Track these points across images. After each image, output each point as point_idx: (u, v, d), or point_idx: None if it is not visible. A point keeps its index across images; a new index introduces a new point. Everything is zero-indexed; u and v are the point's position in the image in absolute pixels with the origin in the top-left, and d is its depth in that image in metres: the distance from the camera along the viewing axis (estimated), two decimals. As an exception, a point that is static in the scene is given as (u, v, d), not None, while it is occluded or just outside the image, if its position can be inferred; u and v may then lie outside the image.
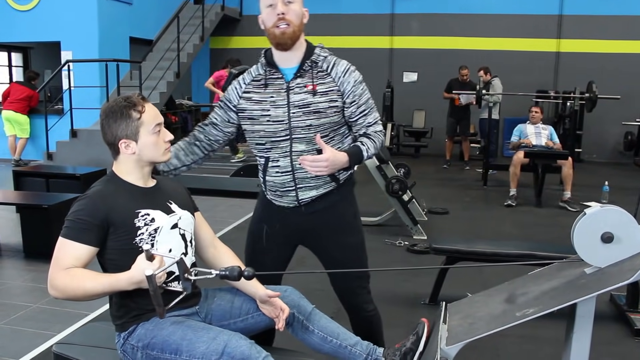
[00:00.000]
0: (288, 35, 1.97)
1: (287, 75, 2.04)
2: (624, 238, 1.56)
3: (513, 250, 3.35)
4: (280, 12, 1.94)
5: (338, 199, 2.13)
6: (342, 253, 2.17)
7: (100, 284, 1.64)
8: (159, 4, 10.51)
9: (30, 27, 9.20)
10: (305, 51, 2.05)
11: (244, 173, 6.88)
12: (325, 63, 2.06)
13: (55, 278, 1.67)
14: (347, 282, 2.22)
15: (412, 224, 5.12)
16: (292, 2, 1.96)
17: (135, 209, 1.77)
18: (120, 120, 1.78)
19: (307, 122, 2.00)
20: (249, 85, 2.10)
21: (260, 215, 2.24)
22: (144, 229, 1.76)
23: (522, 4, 10.66)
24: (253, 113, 2.06)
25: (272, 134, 2.04)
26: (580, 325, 1.56)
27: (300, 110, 2.00)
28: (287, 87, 2.02)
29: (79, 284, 1.64)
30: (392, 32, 11.32)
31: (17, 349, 2.89)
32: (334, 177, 2.08)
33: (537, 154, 6.65)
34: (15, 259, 4.41)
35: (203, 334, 1.68)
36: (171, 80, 9.61)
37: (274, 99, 2.03)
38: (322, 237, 2.17)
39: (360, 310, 2.25)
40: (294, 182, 2.06)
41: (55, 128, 8.55)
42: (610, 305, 3.50)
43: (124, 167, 1.84)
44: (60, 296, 1.67)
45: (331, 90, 2.02)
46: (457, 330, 1.63)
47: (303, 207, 2.11)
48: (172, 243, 1.82)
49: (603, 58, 10.38)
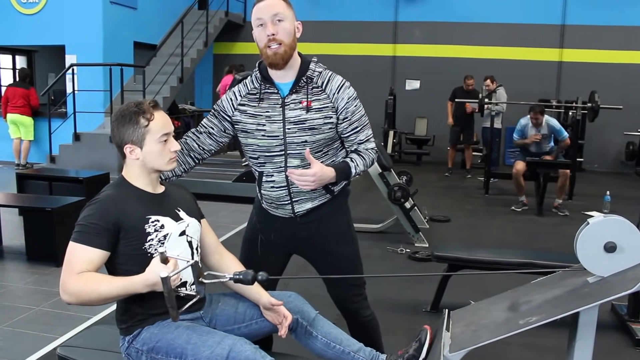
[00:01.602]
0: (280, 56, 1.94)
1: (283, 90, 2.02)
2: (626, 248, 1.58)
3: (515, 259, 3.35)
4: (270, 33, 1.92)
5: (332, 209, 2.14)
6: (337, 262, 2.18)
7: (115, 287, 1.65)
8: (164, 9, 10.57)
9: (35, 31, 9.25)
10: (300, 67, 2.03)
11: (247, 178, 6.89)
12: (320, 79, 2.04)
13: (68, 283, 1.66)
14: (343, 290, 2.23)
15: (413, 231, 5.12)
16: (283, 20, 1.93)
17: (145, 214, 1.78)
18: (128, 125, 1.79)
19: (302, 137, 1.99)
20: (244, 98, 2.08)
21: (255, 223, 2.25)
22: (153, 235, 1.77)
23: (525, 14, 10.69)
24: (247, 127, 2.05)
25: (266, 149, 2.03)
26: (583, 334, 1.57)
27: (296, 126, 1.99)
28: (282, 103, 2.00)
29: (92, 287, 1.64)
30: (395, 40, 11.36)
31: (19, 351, 2.90)
32: (328, 190, 2.08)
33: (539, 163, 6.65)
34: (18, 261, 4.42)
35: (208, 338, 1.69)
36: (174, 85, 9.66)
37: (269, 114, 2.01)
38: (317, 247, 2.18)
39: (357, 316, 2.26)
40: (289, 197, 2.07)
41: (59, 131, 8.59)
42: (612, 314, 3.50)
43: (132, 171, 1.85)
44: (73, 301, 1.66)
45: (326, 106, 2.01)
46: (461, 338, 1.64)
47: (298, 218, 2.12)
48: (180, 250, 1.83)
49: (605, 68, 10.41)
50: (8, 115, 8.91)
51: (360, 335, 2.15)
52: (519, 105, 8.72)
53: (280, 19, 1.92)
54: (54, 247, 4.23)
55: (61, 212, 4.28)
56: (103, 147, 8.23)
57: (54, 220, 4.22)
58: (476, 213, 6.69)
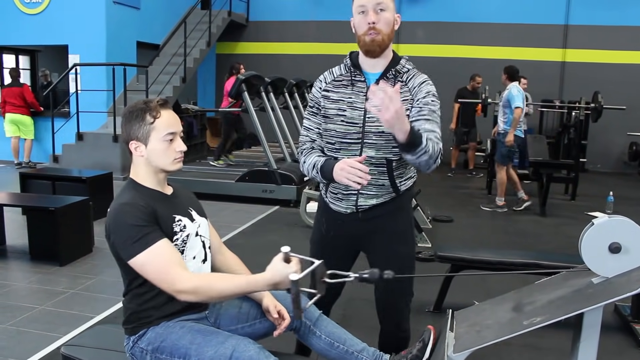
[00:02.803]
0: (377, 43, 1.97)
1: (370, 79, 2.03)
2: (631, 248, 1.57)
3: (518, 259, 3.35)
4: (371, 21, 1.94)
5: (395, 207, 2.11)
6: (394, 261, 2.07)
7: (236, 286, 1.66)
8: (167, 9, 10.58)
9: (38, 31, 9.28)
10: (392, 60, 2.05)
11: (249, 178, 6.90)
12: (407, 75, 2.04)
13: (181, 281, 1.65)
14: (395, 296, 2.18)
15: (417, 231, 5.12)
16: (384, 10, 1.95)
17: (172, 213, 1.79)
18: (135, 121, 1.79)
19: (380, 127, 1.97)
20: (329, 84, 2.10)
21: (319, 221, 2.24)
22: (179, 235, 1.78)
23: (528, 14, 10.68)
24: (328, 112, 2.06)
25: (343, 135, 2.03)
26: (587, 335, 1.57)
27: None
28: (367, 91, 1.99)
29: (212, 285, 1.66)
30: (398, 40, 11.34)
31: (22, 350, 2.91)
32: (395, 188, 2.06)
33: (542, 163, 6.64)
34: (21, 260, 4.43)
35: (212, 338, 1.69)
36: (177, 84, 9.67)
37: (352, 100, 2.03)
38: (376, 244, 2.14)
39: (397, 330, 2.21)
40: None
41: (62, 131, 8.60)
42: (615, 315, 3.49)
43: (139, 171, 1.84)
44: (192, 299, 1.67)
45: (406, 100, 2.01)
46: (465, 338, 1.63)
47: (360, 214, 2.10)
48: (196, 250, 1.84)
49: (609, 68, 10.40)
50: (7, 115, 8.98)
51: (391, 350, 2.11)
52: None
53: (383, 9, 1.95)
54: (57, 246, 4.24)
55: (64, 212, 4.29)
56: (106, 146, 8.24)
57: (57, 219, 4.23)
58: (479, 213, 6.68)
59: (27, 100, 9.02)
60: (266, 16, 11.94)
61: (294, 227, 5.62)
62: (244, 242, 5.04)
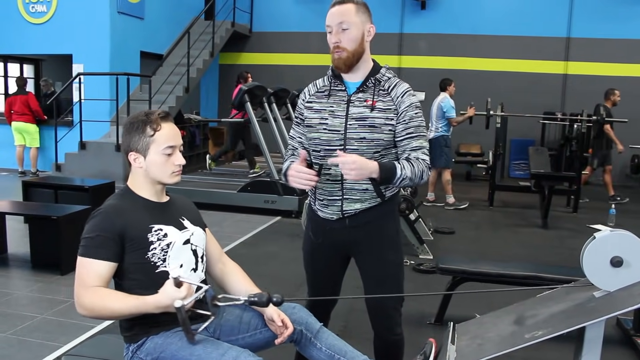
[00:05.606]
0: (342, 61, 2.04)
1: (350, 88, 2.10)
2: (633, 262, 1.57)
3: (520, 272, 3.34)
4: (334, 41, 2.03)
5: (381, 214, 2.14)
6: (382, 269, 2.16)
7: (127, 306, 1.67)
8: (170, 19, 10.63)
9: (42, 40, 9.34)
10: (372, 69, 2.10)
11: (251, 189, 6.90)
12: (388, 83, 2.09)
13: (82, 297, 1.70)
14: (383, 300, 2.19)
15: (418, 243, 5.11)
16: (347, 29, 2.01)
17: (149, 223, 1.79)
18: (135, 132, 1.81)
19: (361, 134, 2.04)
20: (313, 96, 2.17)
21: (308, 230, 2.28)
22: (156, 244, 1.78)
23: (530, 26, 10.71)
24: (311, 121, 2.13)
25: (327, 142, 2.09)
26: (589, 349, 1.56)
27: (357, 122, 2.04)
28: (347, 100, 2.08)
29: (105, 304, 1.67)
30: (400, 52, 11.40)
31: (23, 359, 2.90)
32: (379, 193, 2.10)
33: (543, 175, 6.64)
34: (22, 269, 4.42)
35: (212, 350, 1.69)
36: (180, 94, 9.71)
37: (333, 109, 2.09)
38: (364, 251, 2.17)
39: (388, 333, 2.22)
40: (341, 192, 2.09)
41: (65, 140, 8.63)
42: (617, 329, 3.48)
43: (137, 181, 1.87)
44: (87, 314, 1.71)
45: (389, 108, 2.05)
46: (466, 351, 1.63)
47: (347, 220, 2.13)
48: (183, 258, 1.84)
49: (610, 81, 10.39)
50: (13, 123, 9.05)
51: (386, 354, 2.12)
52: (524, 118, 8.71)
53: (345, 28, 2.02)
54: (59, 255, 4.24)
55: (66, 221, 4.30)
56: (109, 155, 8.26)
57: (59, 228, 4.24)
58: (480, 225, 6.67)
59: (32, 108, 9.07)
60: (269, 27, 11.99)
61: (295, 238, 5.61)
62: (246, 252, 5.04)
